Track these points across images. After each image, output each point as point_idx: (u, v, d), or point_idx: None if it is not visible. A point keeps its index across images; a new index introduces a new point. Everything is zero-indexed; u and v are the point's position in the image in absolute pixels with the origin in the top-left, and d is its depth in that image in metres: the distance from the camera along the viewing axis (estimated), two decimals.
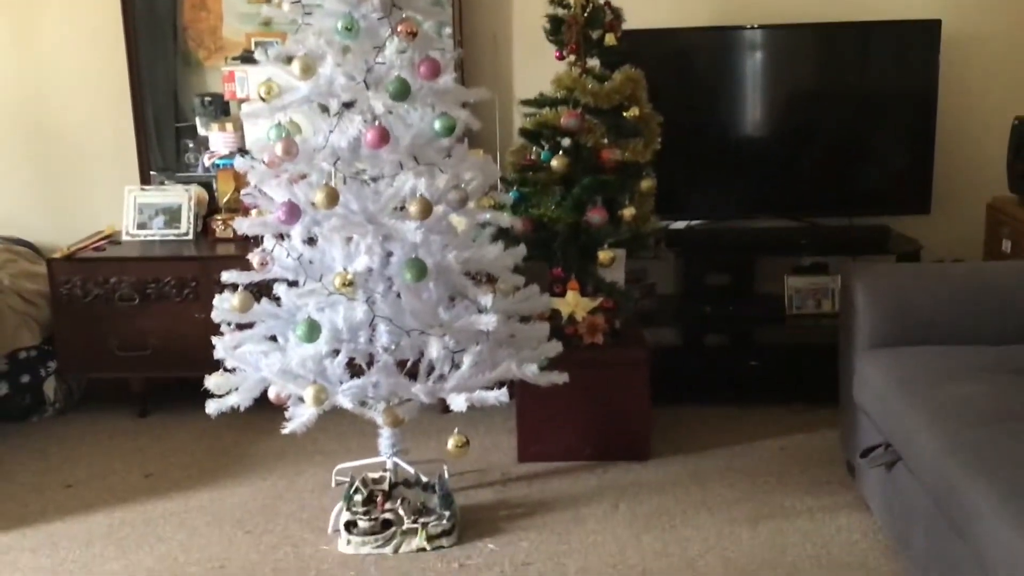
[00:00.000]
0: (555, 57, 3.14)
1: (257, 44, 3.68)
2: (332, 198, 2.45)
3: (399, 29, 2.47)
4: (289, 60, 2.50)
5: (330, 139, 2.50)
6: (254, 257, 2.57)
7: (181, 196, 3.73)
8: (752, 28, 3.55)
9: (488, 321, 2.54)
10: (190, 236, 3.69)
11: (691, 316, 3.67)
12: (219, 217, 3.71)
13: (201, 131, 3.82)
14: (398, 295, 2.62)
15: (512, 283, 2.79)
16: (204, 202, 3.80)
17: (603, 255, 3.04)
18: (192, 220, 3.70)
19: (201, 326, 3.20)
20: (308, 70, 2.46)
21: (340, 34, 2.46)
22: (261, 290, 2.71)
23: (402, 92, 2.46)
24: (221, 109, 3.81)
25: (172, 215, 3.71)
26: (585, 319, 3.08)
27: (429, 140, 2.57)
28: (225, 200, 3.76)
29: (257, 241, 2.66)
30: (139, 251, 3.58)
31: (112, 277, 3.46)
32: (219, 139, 3.78)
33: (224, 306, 2.67)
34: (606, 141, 3.07)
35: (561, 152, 3.05)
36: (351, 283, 2.46)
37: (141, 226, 3.70)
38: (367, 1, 2.47)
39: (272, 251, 2.59)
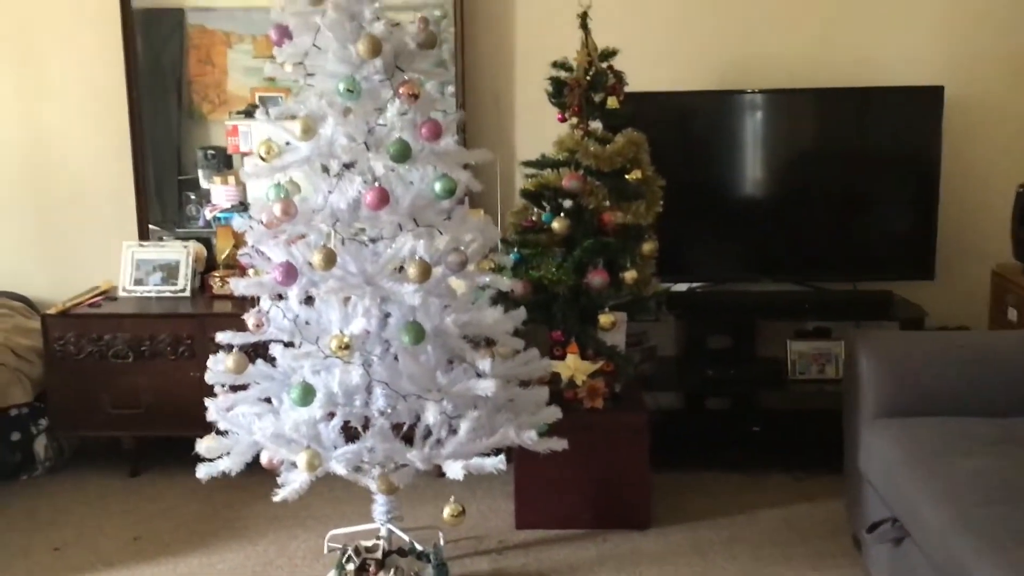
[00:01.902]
0: (557, 119, 3.13)
1: (261, 99, 3.70)
2: (330, 260, 2.41)
3: (401, 91, 2.46)
4: (291, 119, 2.49)
5: (329, 200, 2.48)
6: (250, 318, 2.53)
7: (179, 252, 3.70)
8: (755, 92, 3.56)
9: (487, 387, 2.49)
10: (187, 293, 3.65)
11: (692, 379, 3.63)
12: (217, 274, 3.67)
13: (203, 184, 3.82)
14: (395, 358, 2.58)
15: (511, 347, 2.75)
16: (202, 258, 3.78)
17: (604, 319, 3.00)
18: (190, 277, 3.67)
19: (195, 384, 3.11)
20: (309, 131, 2.44)
21: (342, 95, 2.45)
22: (256, 350, 2.67)
23: (403, 154, 2.44)
24: (224, 162, 3.80)
25: (170, 271, 3.68)
26: (585, 383, 3.03)
27: (429, 202, 2.54)
28: (223, 257, 3.73)
29: (254, 300, 2.62)
30: (135, 307, 3.53)
31: (107, 334, 3.42)
32: (221, 192, 3.78)
33: (218, 367, 2.63)
34: (608, 203, 3.05)
35: (562, 214, 3.03)
36: (348, 346, 2.42)
37: (138, 282, 3.67)
38: (369, 63, 2.46)
39: (268, 312, 2.55)
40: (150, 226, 3.85)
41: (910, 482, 2.29)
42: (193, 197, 3.85)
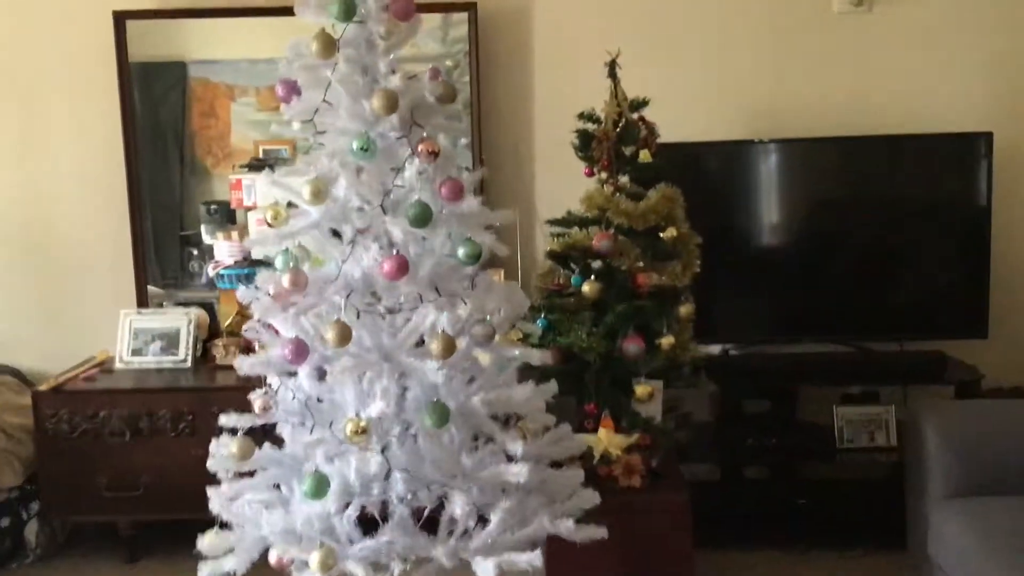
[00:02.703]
0: (584, 173, 2.92)
1: (266, 151, 3.56)
2: (345, 336, 2.18)
3: (420, 148, 2.24)
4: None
5: (343, 269, 2.26)
6: (256, 400, 2.30)
7: (180, 320, 3.49)
8: (790, 141, 3.35)
9: (519, 472, 2.25)
10: (188, 363, 3.43)
11: (731, 449, 3.38)
12: (220, 342, 3.46)
13: (206, 239, 3.65)
14: (415, 438, 2.34)
15: (542, 423, 2.51)
16: (205, 325, 3.57)
17: (640, 390, 2.77)
18: (191, 346, 3.45)
19: (198, 464, 2.84)
20: (319, 194, 2.22)
21: (355, 154, 2.24)
22: (264, 428, 2.43)
23: (423, 217, 2.22)
24: (227, 217, 3.64)
25: (170, 340, 3.46)
26: (620, 459, 2.79)
27: (451, 268, 2.32)
28: (227, 324, 3.51)
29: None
30: (132, 381, 3.33)
31: (102, 410, 3.19)
32: (224, 248, 3.61)
33: (222, 452, 2.39)
34: (641, 264, 2.83)
35: (592, 276, 2.81)
36: (365, 431, 2.18)
37: (136, 352, 3.45)
38: (385, 119, 2.25)
39: (276, 392, 2.31)
40: (150, 287, 3.66)
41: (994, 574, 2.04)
42: (195, 253, 3.68)
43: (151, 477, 3.20)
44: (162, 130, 3.67)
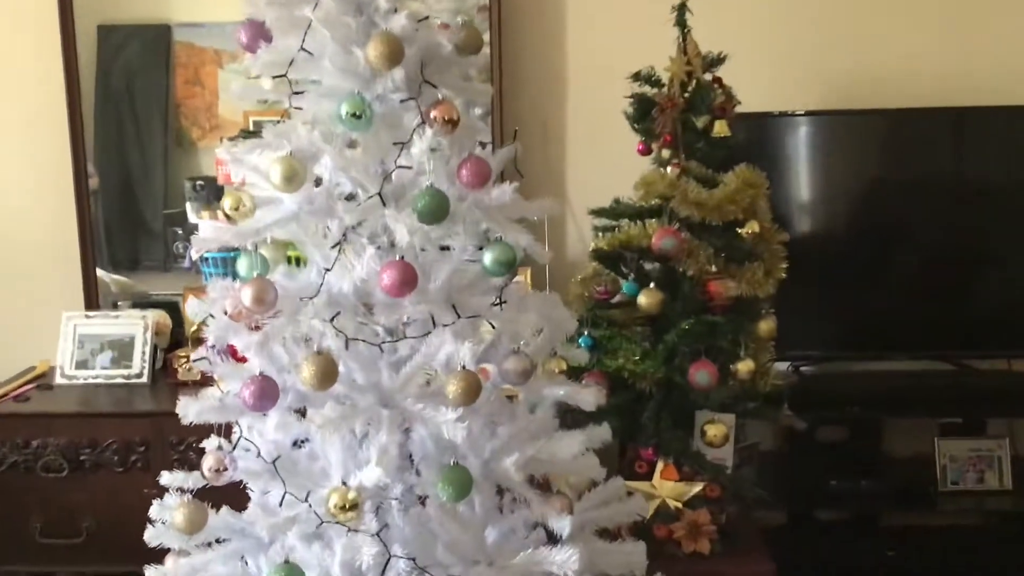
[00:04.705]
0: (637, 151, 2.31)
1: (256, 123, 3.15)
2: (328, 375, 1.58)
3: (433, 115, 1.63)
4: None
5: (327, 280, 1.65)
6: (206, 459, 1.70)
7: (135, 325, 2.90)
8: (878, 112, 2.77)
9: (566, 563, 1.65)
10: (144, 378, 2.85)
11: (804, 488, 2.79)
12: (183, 353, 2.86)
13: (192, 218, 3.21)
14: (422, 503, 1.75)
15: (588, 477, 1.91)
16: (166, 332, 2.98)
17: (713, 430, 2.17)
18: (148, 357, 2.87)
19: (151, 504, 2.35)
20: (294, 178, 1.62)
21: (345, 123, 1.63)
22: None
23: (437, 210, 1.61)
24: (214, 194, 3.20)
25: (122, 350, 2.88)
26: (683, 515, 2.20)
27: (474, 279, 1.72)
28: (193, 329, 2.91)
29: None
30: (75, 402, 2.76)
31: (35, 439, 2.62)
32: (210, 228, 3.07)
33: (165, 519, 1.80)
34: (713, 268, 2.22)
35: (651, 283, 2.20)
36: (355, 505, 1.58)
37: (81, 364, 2.87)
38: (385, 75, 1.63)
39: (234, 448, 1.71)
40: (119, 277, 3.20)
41: None
42: (180, 233, 3.24)
43: (95, 521, 2.65)
44: (145, 98, 3.24)
